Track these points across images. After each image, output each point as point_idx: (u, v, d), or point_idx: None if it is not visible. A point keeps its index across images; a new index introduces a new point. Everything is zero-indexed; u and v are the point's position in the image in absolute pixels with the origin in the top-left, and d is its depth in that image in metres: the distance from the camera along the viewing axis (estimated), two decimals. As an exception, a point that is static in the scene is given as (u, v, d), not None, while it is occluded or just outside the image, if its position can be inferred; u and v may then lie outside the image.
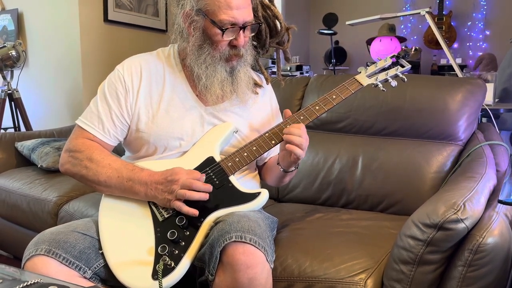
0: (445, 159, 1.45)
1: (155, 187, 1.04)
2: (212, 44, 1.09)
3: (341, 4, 4.88)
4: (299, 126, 1.08)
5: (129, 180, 1.06)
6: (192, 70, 1.13)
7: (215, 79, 1.11)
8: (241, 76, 1.15)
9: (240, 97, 1.18)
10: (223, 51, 1.10)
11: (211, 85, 1.12)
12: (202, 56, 1.10)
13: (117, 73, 1.15)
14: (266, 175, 1.30)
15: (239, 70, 1.15)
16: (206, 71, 1.11)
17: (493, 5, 4.38)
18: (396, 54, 1.18)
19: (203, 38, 1.09)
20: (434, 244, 0.95)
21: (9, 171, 2.09)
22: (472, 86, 1.51)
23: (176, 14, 1.14)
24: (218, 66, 1.11)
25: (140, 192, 1.06)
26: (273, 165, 1.23)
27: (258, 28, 1.16)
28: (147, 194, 1.05)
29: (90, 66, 2.75)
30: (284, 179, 1.24)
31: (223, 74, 1.12)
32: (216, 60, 1.11)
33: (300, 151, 1.06)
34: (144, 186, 1.05)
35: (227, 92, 1.14)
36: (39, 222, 1.76)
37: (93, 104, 1.16)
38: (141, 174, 1.06)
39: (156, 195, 1.04)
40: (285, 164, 1.15)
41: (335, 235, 1.23)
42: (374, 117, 1.57)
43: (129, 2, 2.91)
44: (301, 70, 3.80)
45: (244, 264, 0.91)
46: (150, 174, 1.06)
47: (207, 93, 1.13)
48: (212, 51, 1.10)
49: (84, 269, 1.00)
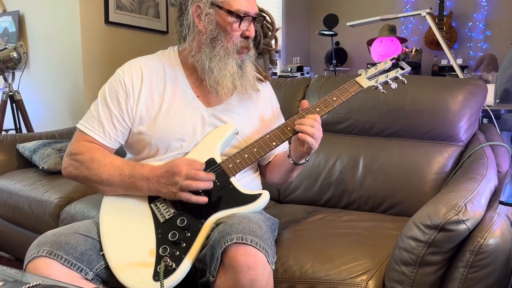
0: (446, 160, 1.45)
1: (158, 181, 1.04)
2: (226, 35, 1.12)
3: (341, 5, 4.88)
4: (314, 117, 1.09)
5: (131, 176, 1.07)
6: (203, 65, 1.14)
7: (227, 71, 1.13)
8: (248, 71, 1.17)
9: (249, 92, 1.19)
10: (236, 43, 1.13)
11: (223, 78, 1.13)
12: (216, 48, 1.12)
13: (118, 77, 1.16)
14: (271, 172, 1.29)
15: (247, 64, 1.17)
16: (219, 63, 1.12)
17: (493, 5, 4.37)
18: (396, 56, 1.18)
19: (217, 30, 1.12)
20: (435, 245, 0.95)
21: (10, 173, 2.09)
22: (473, 87, 1.51)
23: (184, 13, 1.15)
24: (230, 59, 1.13)
25: (142, 187, 1.06)
26: (281, 161, 1.23)
27: (262, 21, 1.20)
28: (150, 189, 1.06)
29: (91, 67, 2.75)
30: (292, 174, 1.23)
31: (234, 67, 1.14)
32: (229, 52, 1.13)
33: (312, 140, 1.06)
34: (146, 181, 1.05)
35: (237, 86, 1.15)
36: (40, 224, 1.76)
37: (94, 108, 1.16)
38: (142, 169, 1.07)
39: (159, 189, 1.05)
40: (297, 155, 1.13)
41: (336, 236, 1.23)
42: (375, 118, 1.57)
43: (130, 4, 2.92)
44: (301, 71, 3.80)
45: (245, 265, 0.91)
46: (151, 169, 1.07)
47: (218, 87, 1.13)
48: (226, 43, 1.12)
49: (85, 271, 1.00)
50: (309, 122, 1.07)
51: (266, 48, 1.31)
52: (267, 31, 1.30)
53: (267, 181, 1.32)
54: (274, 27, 1.30)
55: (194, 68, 1.17)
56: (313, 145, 1.07)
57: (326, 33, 3.84)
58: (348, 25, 2.55)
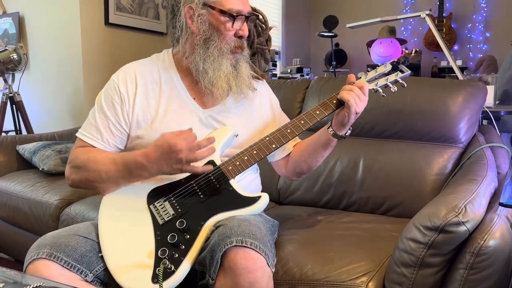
0: (446, 162, 1.45)
1: (157, 163, 1.04)
2: (220, 35, 1.12)
3: (341, 7, 4.89)
4: (359, 83, 1.11)
5: (124, 165, 1.07)
6: (197, 66, 1.14)
7: (221, 72, 1.13)
8: (243, 71, 1.17)
9: (245, 92, 1.19)
10: (229, 43, 1.13)
11: (218, 79, 1.13)
12: (210, 49, 1.12)
13: (112, 83, 1.17)
14: (294, 161, 1.26)
15: (241, 64, 1.17)
16: (213, 64, 1.12)
17: (493, 7, 4.38)
18: (396, 60, 1.19)
19: (210, 31, 1.12)
20: (435, 247, 0.95)
21: (10, 174, 2.09)
22: (472, 88, 1.51)
23: (176, 15, 1.15)
24: (224, 59, 1.13)
25: (142, 174, 1.07)
26: (314, 139, 1.21)
27: (255, 20, 1.20)
28: (151, 173, 1.06)
29: (91, 69, 2.75)
30: (324, 153, 1.21)
31: (228, 68, 1.14)
32: (223, 53, 1.13)
33: (348, 95, 1.07)
34: (142, 167, 1.06)
35: (232, 86, 1.15)
36: (40, 225, 1.76)
37: (91, 116, 1.17)
38: (134, 156, 1.07)
39: (160, 169, 1.05)
40: (338, 121, 1.12)
41: (336, 238, 1.23)
42: (375, 120, 1.57)
43: (130, 5, 2.92)
44: (301, 72, 3.80)
45: (245, 268, 0.91)
46: (143, 154, 1.05)
47: (213, 88, 1.13)
48: (219, 43, 1.12)
49: (85, 273, 1.00)
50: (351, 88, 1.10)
51: (260, 47, 1.31)
52: (260, 30, 1.30)
53: (285, 176, 1.31)
54: (267, 26, 1.30)
55: (188, 70, 1.17)
56: (353, 108, 1.07)
57: (326, 34, 3.84)
58: (348, 26, 2.55)
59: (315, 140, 1.22)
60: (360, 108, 1.10)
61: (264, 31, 1.29)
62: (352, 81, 1.15)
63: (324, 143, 1.18)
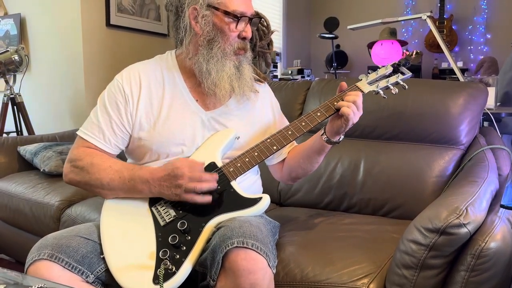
0: (447, 163, 1.45)
1: (159, 184, 1.05)
2: (223, 36, 1.12)
3: (342, 8, 4.90)
4: (357, 94, 1.11)
5: (130, 179, 1.07)
6: (200, 67, 1.14)
7: (224, 73, 1.13)
8: (245, 72, 1.17)
9: (247, 94, 1.19)
10: (233, 44, 1.14)
11: (221, 80, 1.13)
12: (213, 50, 1.12)
13: (116, 83, 1.16)
14: (289, 166, 1.27)
15: (244, 66, 1.17)
16: (216, 65, 1.13)
17: (494, 8, 4.38)
18: (397, 62, 1.19)
19: (214, 32, 1.12)
20: (436, 249, 0.95)
21: (11, 175, 2.09)
22: (473, 90, 1.51)
23: (180, 16, 1.15)
24: (227, 61, 1.14)
25: (143, 190, 1.07)
26: (309, 145, 1.22)
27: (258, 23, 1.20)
28: (152, 191, 1.06)
29: (92, 70, 2.76)
30: (319, 158, 1.21)
31: (231, 69, 1.14)
32: (226, 54, 1.13)
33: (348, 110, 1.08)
34: (147, 184, 1.06)
35: (235, 87, 1.15)
36: (41, 226, 1.76)
37: (93, 115, 1.17)
38: (141, 172, 1.07)
39: (161, 191, 1.05)
40: (333, 129, 1.13)
41: (337, 240, 1.23)
42: (375, 122, 1.57)
43: (131, 7, 2.93)
44: (302, 74, 3.80)
45: (246, 269, 0.91)
46: (151, 171, 1.07)
47: (216, 89, 1.13)
48: (223, 44, 1.13)
49: (86, 274, 1.00)
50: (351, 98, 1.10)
51: (262, 51, 1.32)
52: (262, 34, 1.30)
53: (281, 180, 1.32)
54: (269, 30, 1.30)
55: (191, 71, 1.18)
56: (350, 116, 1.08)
57: (326, 36, 3.85)
58: (348, 28, 2.56)
59: (309, 146, 1.22)
60: (357, 119, 1.11)
61: (266, 34, 1.30)
62: (344, 89, 1.16)
63: (318, 149, 1.19)
